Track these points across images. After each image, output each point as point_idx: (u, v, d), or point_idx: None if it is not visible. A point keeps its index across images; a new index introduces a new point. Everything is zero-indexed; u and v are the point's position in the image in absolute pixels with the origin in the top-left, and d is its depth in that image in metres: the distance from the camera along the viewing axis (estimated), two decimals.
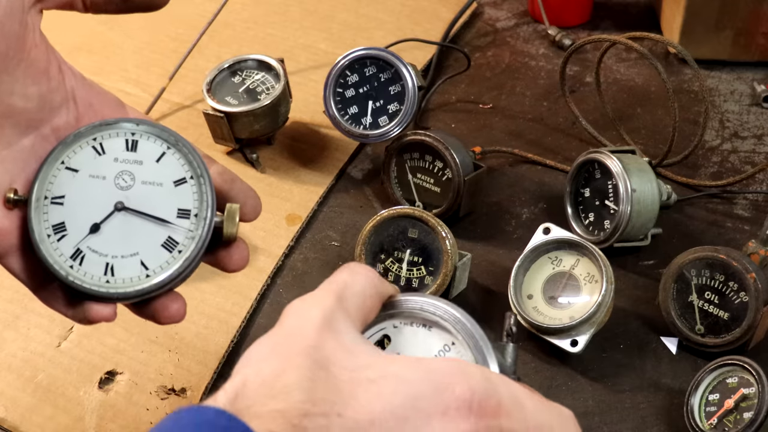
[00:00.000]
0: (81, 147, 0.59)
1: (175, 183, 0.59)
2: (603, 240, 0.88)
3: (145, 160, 0.60)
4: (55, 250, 0.57)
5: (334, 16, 1.26)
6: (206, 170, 0.60)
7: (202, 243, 0.59)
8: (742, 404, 0.73)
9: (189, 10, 1.27)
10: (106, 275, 0.58)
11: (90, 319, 0.58)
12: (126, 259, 0.58)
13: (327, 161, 1.04)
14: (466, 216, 0.96)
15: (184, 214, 0.59)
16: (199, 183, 0.59)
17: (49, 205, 0.58)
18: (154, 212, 0.59)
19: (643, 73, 1.15)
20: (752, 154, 1.03)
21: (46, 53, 0.57)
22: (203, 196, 0.59)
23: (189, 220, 0.59)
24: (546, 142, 1.06)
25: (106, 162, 0.59)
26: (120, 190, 0.59)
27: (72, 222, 0.58)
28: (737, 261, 0.78)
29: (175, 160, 0.60)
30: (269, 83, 1.02)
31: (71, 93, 0.59)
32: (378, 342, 0.69)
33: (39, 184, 0.58)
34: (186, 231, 0.59)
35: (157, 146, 0.60)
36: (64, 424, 0.78)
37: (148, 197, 0.59)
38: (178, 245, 0.58)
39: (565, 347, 0.80)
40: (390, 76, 0.96)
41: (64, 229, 0.58)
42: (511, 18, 1.27)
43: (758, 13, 1.09)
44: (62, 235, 0.58)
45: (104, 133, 0.60)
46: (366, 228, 0.86)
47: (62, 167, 0.59)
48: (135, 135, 0.60)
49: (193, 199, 0.59)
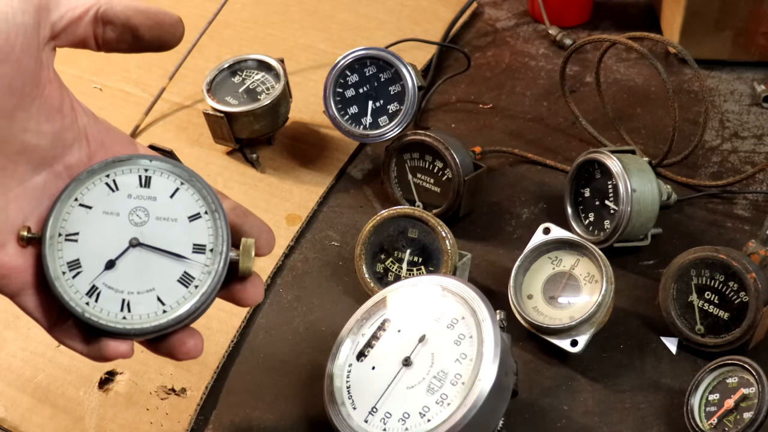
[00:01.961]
0: (94, 184, 0.59)
1: (189, 218, 0.59)
2: (603, 240, 0.88)
3: (159, 196, 0.60)
4: (70, 287, 0.57)
5: (334, 16, 1.26)
6: (220, 205, 0.60)
7: (219, 277, 0.59)
8: (742, 404, 0.73)
9: (189, 10, 1.27)
10: (122, 311, 0.58)
11: (106, 356, 0.58)
12: (142, 295, 0.58)
13: (327, 161, 1.04)
14: (466, 216, 0.96)
15: (199, 249, 0.59)
16: (214, 218, 0.59)
17: (63, 242, 0.58)
18: (169, 248, 0.59)
19: (643, 73, 1.15)
20: (752, 154, 1.03)
21: (60, 91, 0.57)
22: (218, 231, 0.59)
23: (205, 255, 0.59)
24: (546, 142, 1.06)
25: (119, 198, 0.59)
26: (134, 226, 0.59)
27: (87, 259, 0.58)
28: (737, 261, 0.78)
29: (189, 196, 0.60)
30: (269, 83, 1.02)
31: (83, 130, 0.59)
32: (379, 327, 0.70)
33: (53, 222, 0.58)
34: (202, 266, 0.59)
35: (171, 182, 0.60)
36: (64, 424, 0.78)
37: (163, 233, 0.59)
38: (195, 280, 0.58)
39: (565, 347, 0.80)
40: (390, 76, 0.96)
41: (79, 266, 0.58)
42: (511, 18, 1.27)
43: (758, 13, 1.09)
44: (77, 272, 0.58)
45: (117, 170, 0.60)
46: (366, 228, 0.86)
47: (76, 204, 0.59)
48: (148, 171, 0.60)
49: (208, 234, 0.59)
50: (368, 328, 0.71)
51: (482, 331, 0.66)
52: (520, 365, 0.78)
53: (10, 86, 0.53)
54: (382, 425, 0.65)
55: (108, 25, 0.58)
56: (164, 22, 0.60)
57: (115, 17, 0.58)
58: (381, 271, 0.86)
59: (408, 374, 0.67)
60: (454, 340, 0.67)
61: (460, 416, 0.63)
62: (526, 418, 0.78)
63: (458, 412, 0.63)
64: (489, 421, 0.65)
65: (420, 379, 0.66)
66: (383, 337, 0.70)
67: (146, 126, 1.09)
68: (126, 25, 0.58)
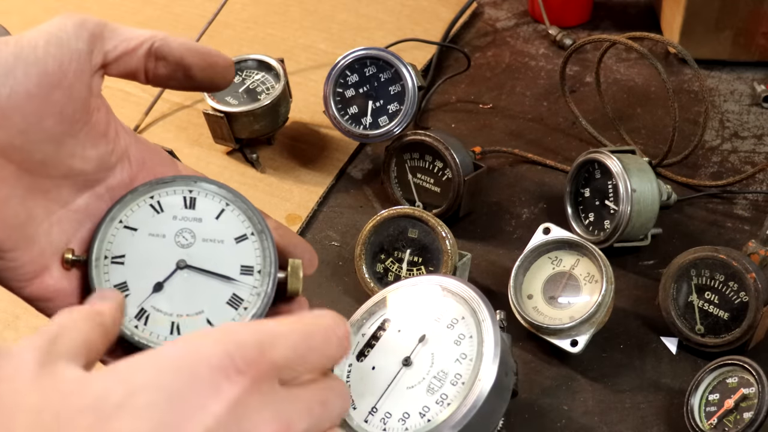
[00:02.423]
0: (138, 205, 0.58)
1: (236, 240, 0.59)
2: (603, 240, 0.88)
3: (205, 218, 0.59)
4: None
5: (334, 16, 1.26)
6: (266, 226, 0.59)
7: (268, 299, 0.58)
8: (742, 404, 0.73)
9: (189, 10, 1.27)
10: (172, 334, 0.56)
11: None
12: (191, 318, 0.57)
13: (327, 161, 1.04)
14: (466, 216, 0.96)
15: (247, 270, 0.58)
16: (261, 239, 0.59)
17: (109, 264, 0.57)
18: (217, 269, 0.58)
19: (643, 73, 1.15)
20: (752, 154, 1.03)
21: (106, 116, 0.57)
22: (265, 252, 0.58)
23: (253, 276, 0.58)
24: (546, 142, 1.06)
25: (164, 220, 0.59)
26: (181, 248, 0.58)
27: (134, 281, 0.57)
28: (737, 261, 0.78)
29: (235, 217, 0.59)
30: (269, 83, 1.02)
31: (125, 152, 0.59)
32: (379, 327, 0.70)
33: (98, 244, 0.57)
34: (251, 288, 0.58)
35: (216, 203, 0.59)
36: None
37: (210, 255, 0.58)
38: (244, 302, 0.57)
39: (565, 347, 0.80)
40: (390, 76, 0.96)
41: (127, 289, 0.57)
42: (511, 18, 1.27)
43: (758, 13, 1.09)
44: (125, 295, 0.56)
45: (161, 191, 0.59)
46: (366, 228, 0.86)
47: (120, 226, 0.58)
48: (192, 192, 0.59)
49: (256, 255, 0.58)
50: (368, 328, 0.71)
51: (482, 331, 0.66)
52: (520, 365, 0.78)
53: (61, 113, 0.53)
54: (382, 425, 0.65)
55: (161, 60, 0.57)
56: (217, 65, 0.59)
57: (169, 54, 0.57)
58: (381, 271, 0.86)
59: (408, 374, 0.67)
60: (454, 340, 0.67)
61: (460, 416, 0.62)
62: (526, 418, 0.78)
63: (458, 412, 0.63)
64: (489, 421, 0.65)
65: (420, 379, 0.66)
66: (383, 337, 0.70)
67: (146, 126, 1.09)
68: (179, 63, 0.58)
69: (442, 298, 0.70)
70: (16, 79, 0.51)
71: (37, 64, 0.52)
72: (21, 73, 0.51)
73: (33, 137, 0.52)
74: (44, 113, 0.52)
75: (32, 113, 0.52)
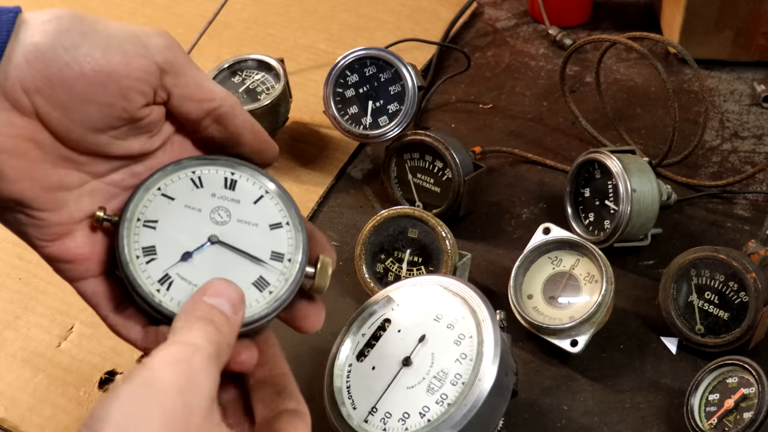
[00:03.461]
0: (179, 177, 0.59)
1: (270, 226, 0.59)
2: (603, 240, 0.88)
3: (243, 200, 0.59)
4: (143, 271, 0.56)
5: (334, 16, 1.26)
6: (302, 220, 0.59)
7: (294, 286, 0.58)
8: (742, 404, 0.73)
9: (189, 10, 1.27)
10: None
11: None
12: None
13: (327, 161, 1.04)
14: (466, 216, 0.96)
15: (277, 256, 0.58)
16: (296, 230, 0.59)
17: (141, 227, 0.57)
18: (248, 250, 0.58)
19: (643, 73, 1.15)
20: (752, 154, 1.02)
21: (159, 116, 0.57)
22: (298, 243, 0.59)
23: (282, 263, 0.58)
24: (546, 142, 1.06)
25: (203, 195, 0.59)
26: (215, 224, 0.58)
27: (163, 247, 0.57)
28: (737, 261, 0.78)
29: (273, 205, 0.60)
30: (269, 83, 1.02)
31: (170, 136, 0.59)
32: (379, 327, 0.70)
33: (133, 206, 0.57)
34: (279, 273, 0.58)
35: (256, 189, 0.60)
36: (64, 424, 0.78)
37: (243, 235, 0.58)
38: (270, 286, 0.57)
39: (565, 347, 0.80)
40: (390, 76, 0.96)
41: (154, 253, 0.57)
42: (511, 18, 1.27)
43: (758, 13, 1.09)
44: (151, 259, 0.57)
45: (204, 169, 0.59)
46: (366, 228, 0.86)
47: (158, 193, 0.58)
48: (234, 174, 0.60)
49: (288, 243, 0.59)
50: (368, 328, 0.71)
51: (482, 331, 0.66)
52: (520, 365, 0.78)
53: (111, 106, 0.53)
54: (382, 425, 0.65)
55: (219, 125, 0.58)
56: (266, 150, 0.60)
57: (229, 124, 0.58)
58: (381, 271, 0.86)
59: (408, 374, 0.67)
60: (454, 340, 0.67)
61: (460, 416, 0.63)
62: (526, 418, 0.78)
63: (458, 412, 0.63)
64: (489, 420, 0.65)
65: (420, 379, 0.66)
66: (383, 337, 0.70)
67: None
68: (234, 135, 0.59)
69: (442, 298, 0.70)
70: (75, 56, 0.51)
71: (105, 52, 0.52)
72: (83, 52, 0.51)
73: (74, 116, 0.53)
74: (92, 99, 0.52)
75: (78, 93, 0.52)
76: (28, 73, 0.51)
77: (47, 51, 0.51)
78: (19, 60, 0.51)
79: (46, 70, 0.51)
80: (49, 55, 0.51)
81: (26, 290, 0.90)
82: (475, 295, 0.68)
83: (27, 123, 0.52)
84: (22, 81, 0.51)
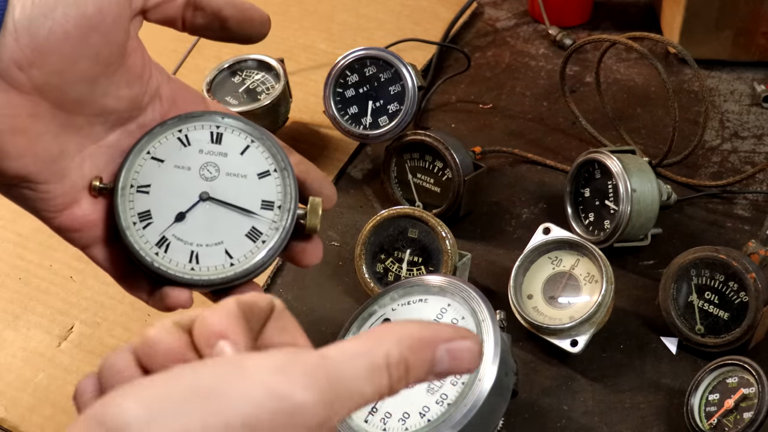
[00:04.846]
0: (167, 138, 0.61)
1: (258, 175, 0.61)
2: (603, 240, 0.88)
3: (230, 153, 0.61)
4: (140, 237, 0.58)
5: (334, 16, 1.26)
6: (289, 163, 0.61)
7: (286, 233, 0.60)
8: (742, 404, 0.73)
9: None
10: (191, 263, 0.59)
11: (168, 305, 0.59)
12: (210, 247, 0.59)
13: (327, 161, 1.04)
14: (466, 216, 0.96)
15: (267, 205, 0.60)
16: (283, 176, 0.61)
17: (135, 193, 0.59)
18: (238, 203, 0.60)
19: (643, 73, 1.15)
20: (752, 154, 1.02)
21: (142, 58, 0.58)
22: (287, 189, 0.60)
23: (273, 211, 0.60)
24: (546, 142, 1.06)
25: (191, 153, 0.61)
26: (205, 180, 0.60)
27: (157, 210, 0.59)
28: (737, 261, 0.78)
29: (259, 153, 0.61)
30: (269, 83, 1.02)
31: (157, 91, 0.60)
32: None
33: (125, 173, 0.59)
34: (270, 222, 0.60)
35: (242, 139, 0.61)
36: (64, 424, 0.78)
37: (233, 188, 0.60)
38: (262, 235, 0.60)
39: (565, 347, 0.80)
40: (390, 76, 0.96)
41: (150, 217, 0.59)
42: (511, 18, 1.27)
43: (758, 13, 1.09)
44: (148, 223, 0.59)
45: (189, 125, 0.61)
46: (366, 228, 0.86)
47: (148, 157, 0.60)
48: (220, 128, 0.61)
49: (277, 191, 0.60)
50: (368, 328, 0.71)
51: (482, 331, 0.66)
52: (520, 365, 0.78)
53: (98, 55, 0.54)
54: (381, 425, 0.65)
55: (199, 11, 0.59)
56: (254, 19, 0.62)
57: (207, 5, 0.59)
58: (381, 271, 0.86)
59: None
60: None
61: (460, 416, 0.63)
62: (526, 418, 0.78)
63: (458, 412, 0.63)
64: (489, 420, 0.65)
65: None
66: None
67: None
68: (216, 14, 0.60)
69: (443, 298, 0.70)
70: (55, 20, 0.52)
71: (77, 6, 0.53)
72: (60, 14, 0.52)
73: (68, 77, 0.54)
74: (80, 54, 0.54)
75: (69, 54, 0.53)
76: (17, 49, 0.52)
77: (30, 23, 0.52)
78: (6, 39, 0.51)
79: (34, 41, 0.52)
80: (33, 27, 0.52)
81: (26, 290, 0.90)
82: (475, 295, 0.68)
83: (25, 100, 0.53)
84: (14, 59, 0.52)
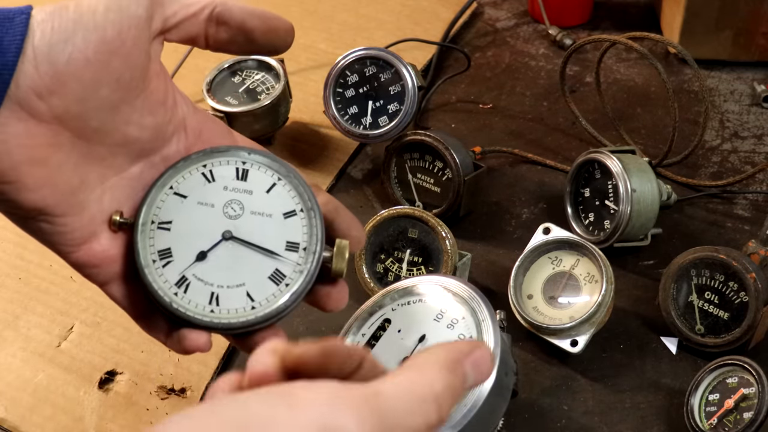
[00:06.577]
0: (191, 173, 0.58)
1: (284, 215, 0.58)
2: (603, 240, 0.88)
3: (255, 190, 0.58)
4: (160, 276, 0.56)
5: (334, 16, 1.26)
6: (316, 203, 0.58)
7: (311, 277, 0.57)
8: (742, 404, 0.73)
9: None
10: (210, 304, 0.56)
11: (185, 347, 0.56)
12: (232, 289, 0.56)
13: (327, 161, 1.04)
14: (466, 216, 0.96)
15: (292, 247, 0.57)
16: (309, 216, 0.58)
17: (155, 229, 0.57)
18: (262, 243, 0.57)
19: (643, 73, 1.15)
20: (752, 154, 1.02)
21: (165, 84, 0.56)
22: (313, 230, 0.58)
23: (297, 253, 0.57)
24: (546, 142, 1.06)
25: (215, 190, 0.58)
26: (228, 219, 0.57)
27: (178, 248, 0.56)
28: (737, 261, 0.78)
29: (286, 192, 0.59)
30: (269, 83, 1.02)
31: (182, 122, 0.58)
32: (379, 327, 0.70)
33: (146, 209, 0.57)
34: (294, 264, 0.57)
35: (268, 177, 0.59)
36: (64, 424, 0.78)
37: (257, 228, 0.57)
38: (286, 278, 0.57)
39: (565, 347, 0.80)
40: (390, 76, 0.96)
41: (170, 255, 0.56)
42: (511, 18, 1.27)
43: (758, 13, 1.09)
44: (168, 261, 0.56)
45: (215, 161, 0.58)
46: (366, 228, 0.86)
47: (170, 192, 0.57)
48: (246, 164, 0.59)
49: (303, 232, 0.58)
50: (368, 328, 0.71)
51: (482, 331, 0.66)
52: (520, 365, 0.78)
53: (119, 80, 0.52)
54: None
55: (222, 25, 0.57)
56: (279, 28, 0.59)
57: (230, 19, 0.57)
58: (381, 271, 0.86)
59: None
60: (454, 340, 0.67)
61: (459, 416, 0.62)
62: (526, 418, 0.78)
63: (458, 412, 0.63)
64: (489, 420, 0.65)
65: None
66: (383, 337, 0.70)
67: None
68: (240, 27, 0.57)
69: (442, 298, 0.70)
70: (74, 45, 0.51)
71: (96, 31, 0.51)
72: (80, 39, 0.51)
73: (90, 105, 0.52)
74: (102, 80, 0.52)
75: (90, 80, 0.52)
76: (37, 77, 0.50)
77: (49, 50, 0.50)
78: (25, 66, 0.50)
79: (54, 68, 0.50)
80: (53, 54, 0.50)
81: (26, 290, 0.90)
82: (475, 295, 0.68)
83: (45, 129, 0.51)
84: (33, 87, 0.50)
